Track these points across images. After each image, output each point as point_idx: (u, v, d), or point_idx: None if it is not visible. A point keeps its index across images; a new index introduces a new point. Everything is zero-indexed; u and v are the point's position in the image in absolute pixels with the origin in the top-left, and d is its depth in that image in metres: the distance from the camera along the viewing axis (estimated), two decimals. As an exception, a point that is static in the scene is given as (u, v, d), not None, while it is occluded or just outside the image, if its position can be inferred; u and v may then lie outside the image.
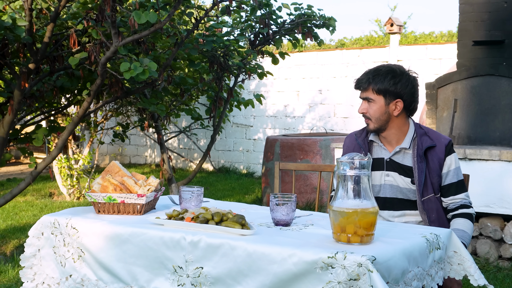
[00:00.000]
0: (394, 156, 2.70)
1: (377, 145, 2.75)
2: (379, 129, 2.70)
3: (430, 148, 2.67)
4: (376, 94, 2.65)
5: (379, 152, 2.74)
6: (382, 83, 2.63)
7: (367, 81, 2.67)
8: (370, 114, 2.68)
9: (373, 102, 2.66)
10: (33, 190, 8.75)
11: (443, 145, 2.67)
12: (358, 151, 2.74)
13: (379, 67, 2.71)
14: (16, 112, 4.49)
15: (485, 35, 5.32)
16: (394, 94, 2.64)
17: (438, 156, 2.66)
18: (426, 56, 9.00)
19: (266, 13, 5.22)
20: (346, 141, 2.85)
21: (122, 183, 2.49)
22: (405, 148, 2.69)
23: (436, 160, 2.65)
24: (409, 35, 16.99)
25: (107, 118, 8.70)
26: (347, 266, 1.77)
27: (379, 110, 2.66)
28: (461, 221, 2.64)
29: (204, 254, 2.03)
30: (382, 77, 2.64)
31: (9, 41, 4.28)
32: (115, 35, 4.00)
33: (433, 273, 2.07)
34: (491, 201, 4.71)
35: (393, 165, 2.69)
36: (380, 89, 2.64)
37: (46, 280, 2.44)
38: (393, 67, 2.69)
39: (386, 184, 2.69)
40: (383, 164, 2.71)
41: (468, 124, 5.25)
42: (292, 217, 2.25)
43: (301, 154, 7.10)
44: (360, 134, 2.81)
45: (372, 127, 2.70)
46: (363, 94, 2.69)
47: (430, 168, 2.65)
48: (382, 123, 2.68)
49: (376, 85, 2.64)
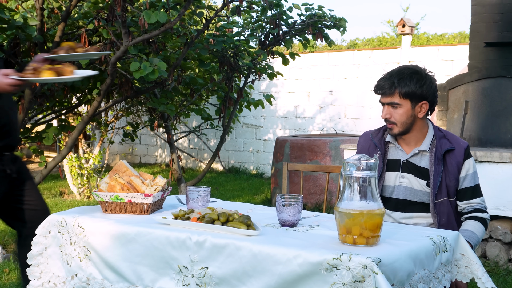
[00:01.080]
0: (412, 158, 2.66)
1: (394, 146, 2.71)
2: (403, 132, 2.64)
3: (449, 151, 2.62)
4: (403, 98, 2.58)
5: (395, 153, 2.70)
6: (408, 86, 2.56)
7: (392, 85, 2.58)
8: (395, 119, 2.61)
9: (399, 107, 2.59)
10: (43, 189, 8.79)
11: (462, 148, 2.63)
12: (373, 150, 2.71)
13: (401, 69, 2.63)
14: (27, 111, 4.53)
15: (497, 36, 5.28)
16: (420, 96, 2.58)
17: (457, 160, 2.61)
18: (437, 57, 8.95)
19: (276, 13, 5.21)
20: (361, 140, 2.81)
21: (129, 182, 2.49)
22: (423, 150, 2.65)
23: (455, 164, 2.61)
24: (421, 36, 16.92)
25: (118, 118, 8.73)
26: (352, 268, 1.76)
27: (406, 114, 2.60)
28: (472, 223, 2.61)
29: (209, 254, 2.03)
30: (407, 80, 2.57)
31: (20, 40, 4.31)
32: (125, 34, 4.01)
33: (439, 276, 2.05)
34: (501, 204, 4.67)
35: (409, 167, 2.65)
36: (407, 93, 2.57)
37: (52, 278, 2.45)
38: (416, 68, 2.63)
39: (400, 185, 2.66)
40: (399, 165, 2.67)
41: (479, 126, 5.21)
42: (299, 218, 2.24)
43: (311, 155, 7.08)
44: (376, 134, 2.76)
45: (396, 131, 2.63)
46: (386, 99, 2.61)
47: (448, 171, 2.60)
48: (407, 127, 2.62)
49: (403, 89, 2.56)
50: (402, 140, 2.69)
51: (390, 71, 2.66)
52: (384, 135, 2.74)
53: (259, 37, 5.57)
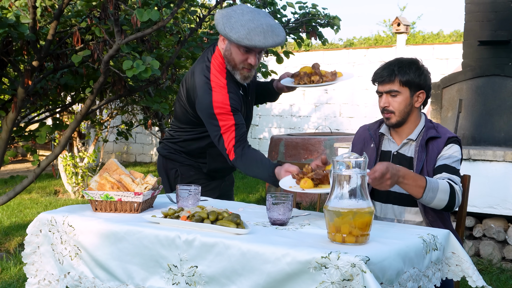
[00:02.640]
0: (402, 148, 2.69)
1: (386, 137, 2.74)
2: (400, 122, 2.66)
3: (433, 139, 2.64)
4: (402, 86, 2.61)
5: (387, 145, 2.73)
6: (408, 74, 2.59)
7: (392, 73, 2.60)
8: (394, 107, 2.63)
9: (398, 95, 2.62)
10: (38, 188, 8.78)
11: (446, 137, 2.65)
12: (368, 141, 2.74)
13: (399, 59, 2.66)
14: (20, 110, 4.51)
15: (491, 35, 5.28)
16: (418, 85, 2.62)
17: (439, 146, 2.63)
18: (433, 56, 8.96)
19: (270, 11, 5.19)
20: (359, 130, 2.84)
21: (120, 181, 2.48)
22: (412, 140, 2.68)
23: (436, 150, 2.63)
24: (417, 35, 16.93)
25: (113, 117, 8.71)
26: (341, 267, 1.75)
27: (404, 102, 2.62)
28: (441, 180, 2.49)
29: (198, 253, 2.02)
30: (407, 68, 2.60)
31: (13, 39, 4.29)
32: (117, 33, 4.00)
33: (429, 274, 2.05)
34: (495, 202, 4.67)
35: (399, 158, 2.68)
36: (407, 81, 2.60)
37: (47, 276, 2.45)
38: (414, 59, 2.67)
39: None
40: (390, 157, 2.70)
41: (473, 124, 5.22)
42: (289, 217, 2.23)
43: (306, 153, 7.08)
44: (372, 126, 2.80)
45: (394, 120, 2.65)
46: (385, 86, 2.63)
47: (429, 156, 2.62)
48: (404, 116, 2.65)
49: (403, 77, 2.59)
50: (395, 132, 2.72)
51: (389, 61, 2.68)
52: (379, 127, 2.77)
53: (253, 35, 5.55)
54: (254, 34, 2.77)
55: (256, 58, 2.88)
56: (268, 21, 2.83)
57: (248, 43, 2.77)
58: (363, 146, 2.77)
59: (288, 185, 2.48)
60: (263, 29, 2.79)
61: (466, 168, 4.72)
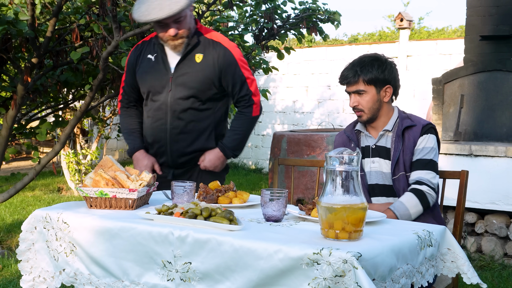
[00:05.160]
0: (379, 141, 2.75)
1: (363, 134, 2.81)
2: (372, 118, 2.74)
3: (409, 128, 2.71)
4: (367, 84, 2.69)
5: (365, 140, 2.80)
6: (371, 72, 2.67)
7: (355, 74, 2.69)
8: (363, 106, 2.72)
9: (364, 94, 2.70)
10: (41, 185, 8.80)
11: (421, 125, 2.71)
12: (348, 143, 2.81)
13: (361, 58, 2.74)
14: (20, 107, 4.51)
15: (493, 29, 5.25)
16: (383, 81, 2.70)
17: (414, 135, 2.69)
18: (436, 51, 8.91)
19: (270, 7, 5.18)
20: (337, 138, 2.91)
21: (114, 177, 2.47)
22: (387, 131, 2.74)
23: (412, 139, 2.69)
24: (421, 30, 16.86)
25: (116, 114, 8.71)
26: (333, 263, 1.74)
27: (372, 100, 2.70)
28: (405, 195, 2.62)
29: (192, 249, 2.01)
30: (369, 67, 2.68)
31: (12, 36, 4.29)
32: (116, 29, 3.99)
33: (423, 271, 2.03)
34: (496, 198, 4.65)
35: (378, 150, 2.74)
36: (371, 79, 2.68)
37: (42, 273, 2.44)
38: (376, 56, 2.74)
39: (372, 171, 2.75)
40: (369, 151, 2.76)
41: (475, 120, 5.19)
42: (283, 213, 2.22)
43: (308, 150, 7.06)
44: (348, 128, 2.87)
45: (365, 118, 2.74)
46: (352, 87, 2.72)
47: (405, 146, 2.68)
48: (374, 112, 2.72)
49: (366, 76, 2.67)
50: (371, 127, 2.79)
51: (352, 61, 2.76)
52: (355, 126, 2.84)
53: (254, 31, 5.54)
54: (148, 8, 2.91)
55: (172, 30, 2.96)
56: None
57: (144, 19, 2.92)
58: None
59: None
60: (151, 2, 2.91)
61: (468, 163, 4.69)
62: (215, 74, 3.06)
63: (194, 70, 3.06)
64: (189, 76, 3.07)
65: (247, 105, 3.14)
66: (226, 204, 2.46)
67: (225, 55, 3.06)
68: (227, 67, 3.05)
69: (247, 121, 3.18)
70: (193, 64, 3.06)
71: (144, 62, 3.15)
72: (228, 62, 3.05)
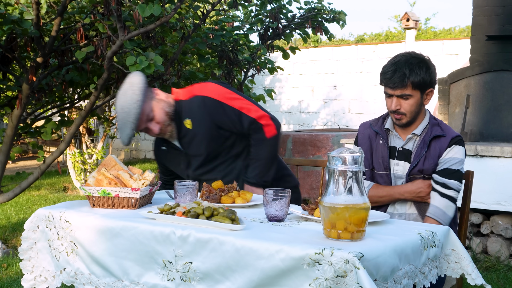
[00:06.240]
0: (406, 144, 2.67)
1: (392, 133, 2.72)
2: (410, 122, 2.64)
3: (437, 137, 2.62)
4: (414, 89, 2.56)
5: (393, 140, 2.71)
6: (419, 75, 2.53)
7: (403, 77, 2.54)
8: (405, 110, 2.59)
9: (410, 98, 2.57)
10: (47, 184, 8.82)
11: (450, 137, 2.63)
12: (374, 138, 2.72)
13: (407, 59, 2.57)
14: (25, 106, 4.52)
15: (499, 29, 5.22)
16: (429, 84, 2.58)
17: (441, 145, 2.61)
18: (442, 51, 8.89)
19: (276, 7, 5.18)
20: (360, 129, 2.81)
21: (117, 177, 2.47)
22: (416, 135, 2.66)
23: (438, 148, 2.61)
24: (428, 31, 16.80)
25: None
26: (334, 263, 1.72)
27: (416, 104, 2.59)
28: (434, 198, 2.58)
29: (193, 249, 2.00)
30: (417, 69, 2.54)
31: (17, 35, 4.30)
32: (121, 29, 3.99)
33: (426, 271, 2.02)
34: (502, 199, 4.62)
35: (405, 153, 2.66)
36: (419, 83, 2.54)
37: (43, 273, 2.45)
38: (420, 56, 2.60)
39: (394, 172, 2.68)
40: (395, 153, 2.68)
41: (481, 120, 5.16)
42: (286, 213, 2.21)
43: (313, 150, 7.05)
44: (375, 123, 2.76)
45: (405, 121, 2.62)
46: (397, 91, 2.57)
47: (430, 154, 2.60)
48: (414, 116, 2.62)
49: (415, 79, 2.53)
50: (401, 128, 2.69)
51: (395, 61, 2.59)
52: (384, 123, 2.74)
53: (259, 31, 5.54)
54: (120, 133, 2.93)
55: (154, 130, 2.93)
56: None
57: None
58: (370, 143, 2.74)
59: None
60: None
61: (474, 164, 4.66)
62: (211, 126, 2.92)
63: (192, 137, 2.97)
64: (194, 145, 2.99)
65: (256, 131, 2.95)
66: (229, 203, 2.46)
67: (205, 104, 2.90)
68: (214, 112, 2.89)
69: (263, 146, 2.97)
70: (187, 133, 2.97)
71: (162, 153, 3.14)
72: (213, 107, 2.88)
